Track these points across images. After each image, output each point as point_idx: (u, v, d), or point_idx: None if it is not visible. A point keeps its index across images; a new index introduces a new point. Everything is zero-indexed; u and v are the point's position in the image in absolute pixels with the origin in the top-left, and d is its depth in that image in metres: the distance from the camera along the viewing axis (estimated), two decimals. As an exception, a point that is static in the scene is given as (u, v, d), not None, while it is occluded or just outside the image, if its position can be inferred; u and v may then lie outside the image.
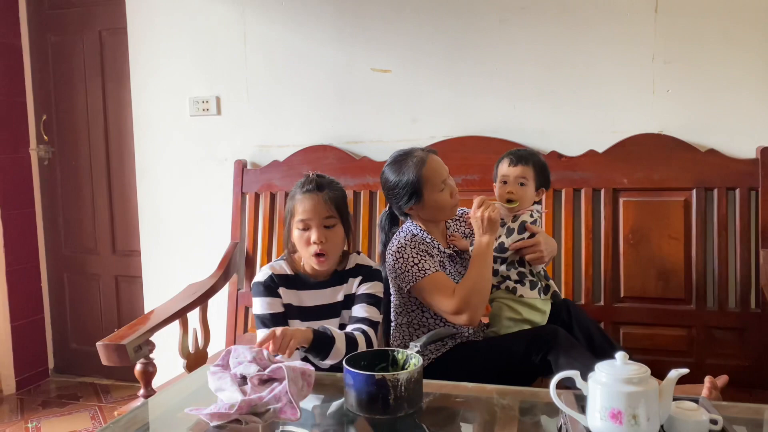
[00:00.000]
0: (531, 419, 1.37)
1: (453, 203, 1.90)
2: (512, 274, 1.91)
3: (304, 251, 1.73)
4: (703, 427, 1.09)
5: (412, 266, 1.81)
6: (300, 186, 1.75)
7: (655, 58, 2.30)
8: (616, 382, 1.07)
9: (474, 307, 1.76)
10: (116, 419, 1.38)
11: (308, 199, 1.71)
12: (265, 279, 1.75)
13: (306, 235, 1.71)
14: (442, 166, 1.89)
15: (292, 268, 1.79)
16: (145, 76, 2.89)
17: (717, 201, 2.20)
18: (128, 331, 2.03)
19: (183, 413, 1.49)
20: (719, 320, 2.18)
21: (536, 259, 1.90)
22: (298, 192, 1.74)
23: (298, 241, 1.72)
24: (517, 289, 1.89)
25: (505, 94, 2.46)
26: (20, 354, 3.28)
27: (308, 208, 1.70)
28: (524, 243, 1.89)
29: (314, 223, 1.70)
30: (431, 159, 1.87)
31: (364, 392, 1.30)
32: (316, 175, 1.76)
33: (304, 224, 1.71)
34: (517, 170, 1.91)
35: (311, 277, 1.79)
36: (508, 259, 1.92)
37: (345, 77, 2.63)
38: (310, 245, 1.70)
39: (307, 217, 1.70)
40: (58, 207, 3.42)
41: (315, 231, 1.70)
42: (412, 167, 1.86)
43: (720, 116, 2.25)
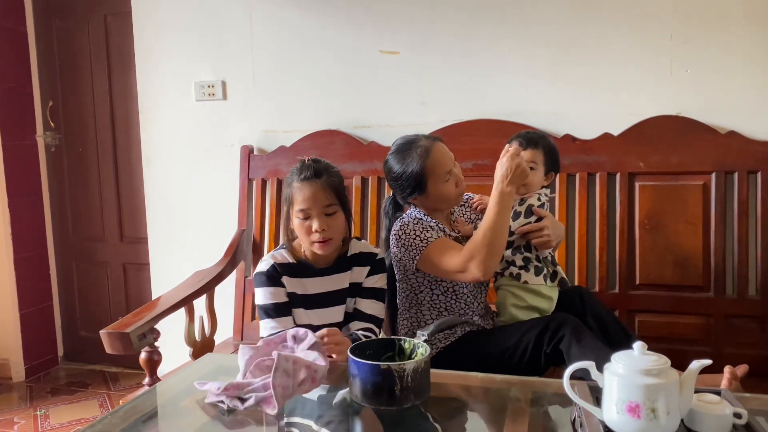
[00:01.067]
0: (542, 411, 1.32)
1: (458, 192, 1.84)
2: (517, 259, 1.85)
3: (305, 240, 1.68)
4: (726, 421, 1.03)
5: (415, 238, 1.77)
6: (297, 173, 1.69)
7: (673, 37, 2.21)
8: (634, 373, 1.01)
9: (485, 256, 1.64)
10: (116, 408, 1.36)
11: (307, 187, 1.65)
12: (267, 269, 1.71)
13: (307, 224, 1.66)
14: (447, 156, 1.81)
15: (293, 256, 1.75)
16: (151, 60, 2.85)
17: (737, 185, 2.12)
18: (132, 318, 2.00)
19: (186, 401, 1.47)
20: (739, 308, 2.11)
21: (543, 243, 1.84)
22: (296, 179, 1.68)
23: (299, 229, 1.68)
24: (522, 275, 1.84)
25: (517, 76, 2.38)
26: (29, 342, 3.27)
27: (308, 196, 1.65)
28: (531, 227, 1.83)
29: (315, 212, 1.65)
30: (436, 149, 1.80)
31: (370, 382, 1.26)
32: (312, 161, 1.70)
33: (304, 213, 1.66)
34: (526, 154, 1.85)
35: (314, 264, 1.74)
36: (513, 243, 1.86)
37: (352, 60, 2.57)
38: (312, 234, 1.66)
39: (307, 206, 1.65)
40: (65, 194, 3.40)
41: (316, 220, 1.65)
42: (416, 158, 1.79)
43: (741, 96, 2.17)
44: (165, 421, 1.38)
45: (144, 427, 1.30)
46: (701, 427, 1.04)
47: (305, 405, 1.37)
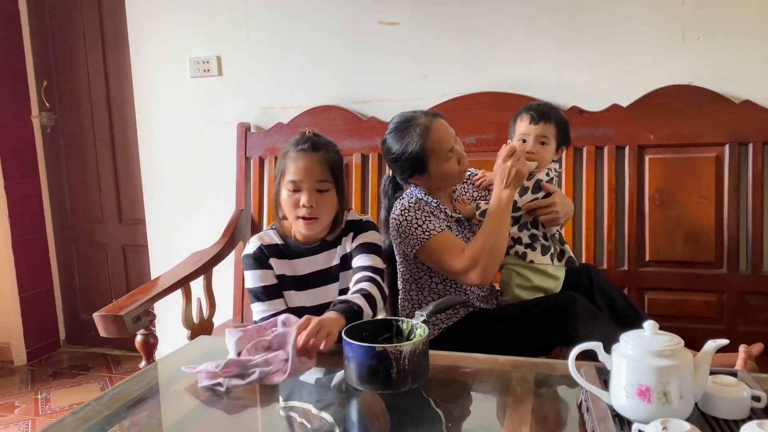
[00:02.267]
0: (547, 394, 1.25)
1: (461, 170, 1.76)
2: (524, 236, 1.78)
3: (291, 213, 1.60)
4: (744, 405, 0.96)
5: (416, 228, 1.69)
6: (294, 144, 1.61)
7: (685, 3, 2.12)
8: (645, 355, 0.94)
9: (485, 264, 1.61)
10: (103, 393, 1.31)
11: (302, 159, 1.57)
12: (254, 251, 1.64)
13: (295, 197, 1.58)
14: (447, 134, 1.72)
15: (281, 236, 1.67)
16: (144, 36, 2.77)
17: (752, 156, 2.04)
18: (127, 301, 1.95)
19: (179, 384, 1.42)
20: (753, 285, 2.04)
21: (551, 220, 1.77)
22: (292, 150, 1.60)
23: (286, 202, 1.59)
24: (527, 255, 1.77)
25: (522, 46, 2.30)
26: (30, 325, 3.24)
27: (301, 168, 1.57)
28: (539, 203, 1.76)
29: (306, 185, 1.57)
30: (436, 127, 1.71)
31: (365, 365, 1.20)
32: (312, 134, 1.63)
33: (294, 185, 1.57)
34: (538, 128, 1.77)
35: (302, 243, 1.67)
36: (520, 219, 1.79)
37: (351, 32, 2.49)
38: (298, 208, 1.57)
39: (299, 178, 1.57)
40: (63, 175, 3.34)
41: (305, 194, 1.56)
42: (415, 138, 1.70)
43: (756, 64, 2.08)
44: (155, 405, 1.33)
45: (132, 411, 1.25)
46: (717, 412, 0.97)
47: (303, 388, 1.32)
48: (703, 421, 0.97)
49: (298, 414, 1.21)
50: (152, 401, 1.33)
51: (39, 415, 2.67)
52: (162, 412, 1.30)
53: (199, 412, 1.26)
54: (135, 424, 1.19)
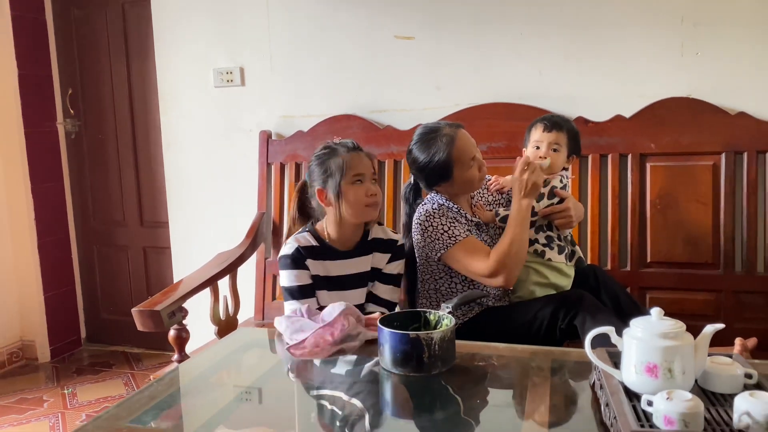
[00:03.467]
0: (563, 378, 1.39)
1: (481, 177, 1.90)
2: (540, 237, 1.92)
3: (359, 203, 1.75)
4: (738, 380, 1.10)
5: (442, 234, 1.82)
6: (341, 146, 1.79)
7: (684, 20, 2.26)
8: (653, 336, 1.08)
9: (510, 268, 1.76)
10: (148, 384, 1.39)
11: (358, 156, 1.76)
12: (292, 252, 1.77)
13: (362, 189, 1.75)
14: (470, 143, 1.87)
15: (317, 239, 1.81)
16: (169, 47, 2.91)
17: (747, 165, 2.18)
18: (162, 297, 2.07)
19: (221, 375, 1.53)
20: (747, 284, 2.17)
21: (565, 224, 1.91)
22: (343, 151, 1.77)
23: (355, 194, 1.75)
24: (546, 253, 1.90)
25: (531, 59, 2.44)
26: (53, 323, 3.37)
27: (362, 162, 1.76)
28: (553, 208, 1.90)
29: (367, 177, 1.76)
30: (460, 137, 1.85)
31: (399, 351, 1.33)
32: (344, 139, 1.80)
33: (359, 177, 1.75)
34: (551, 136, 1.91)
35: (336, 247, 1.81)
36: (536, 223, 1.92)
37: (368, 45, 2.62)
38: (367, 197, 1.75)
39: (363, 171, 1.75)
40: (86, 180, 3.47)
41: (370, 184, 1.76)
42: (441, 147, 1.84)
43: (750, 78, 2.22)
44: (200, 395, 1.42)
45: (174, 402, 1.34)
46: (714, 387, 1.11)
47: (334, 377, 1.44)
48: (703, 395, 1.10)
49: (329, 401, 1.32)
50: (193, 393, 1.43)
51: (67, 408, 2.79)
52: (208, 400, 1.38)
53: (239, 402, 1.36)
54: (181, 413, 1.30)
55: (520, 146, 2.34)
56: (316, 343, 1.45)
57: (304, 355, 1.46)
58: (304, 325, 1.49)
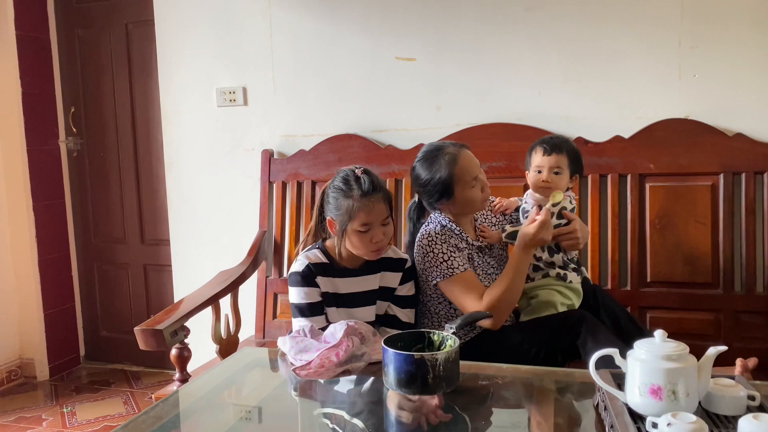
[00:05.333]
0: (566, 399, 1.40)
1: (484, 197, 1.90)
2: (557, 260, 1.93)
3: (363, 250, 1.75)
4: (741, 402, 1.11)
5: (442, 263, 1.83)
6: (354, 186, 1.73)
7: (681, 43, 2.29)
8: (656, 358, 1.09)
9: (501, 313, 1.78)
10: (153, 405, 1.39)
11: (370, 203, 1.71)
12: (302, 269, 1.78)
13: (368, 237, 1.73)
14: (473, 163, 1.88)
15: (327, 256, 1.82)
16: (172, 67, 2.94)
17: (745, 185, 2.20)
18: (164, 316, 2.07)
19: (219, 398, 1.53)
20: (747, 304, 2.18)
21: (572, 245, 1.92)
22: (356, 194, 1.71)
23: (360, 241, 1.73)
24: (567, 275, 1.92)
25: (530, 80, 2.46)
26: (53, 341, 3.36)
27: (371, 212, 1.71)
28: (561, 230, 1.90)
29: (375, 224, 1.73)
30: (463, 156, 1.86)
31: (404, 371, 1.34)
32: (364, 172, 1.76)
33: (366, 227, 1.72)
34: (551, 159, 1.92)
35: (346, 265, 1.82)
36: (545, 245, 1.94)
37: (370, 66, 2.65)
38: (372, 245, 1.73)
39: (371, 221, 1.72)
40: (87, 198, 3.48)
41: (377, 233, 1.73)
42: (444, 165, 1.85)
43: (747, 100, 2.24)
44: (204, 415, 1.42)
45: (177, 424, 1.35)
46: (718, 409, 1.13)
47: (336, 396, 1.45)
48: (706, 417, 1.11)
49: (331, 420, 1.33)
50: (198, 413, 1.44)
51: (67, 427, 2.78)
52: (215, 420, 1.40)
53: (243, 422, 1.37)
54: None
55: (521, 166, 2.38)
56: (321, 364, 1.46)
57: (309, 376, 1.47)
58: (308, 345, 1.50)
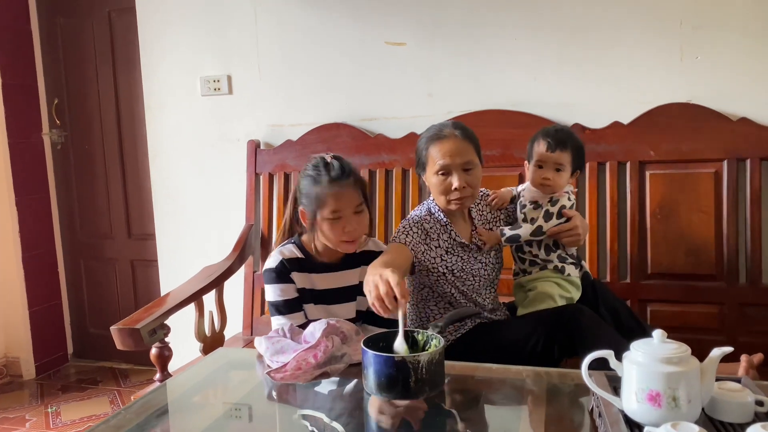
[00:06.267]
0: (559, 402, 1.30)
1: (449, 198, 1.74)
2: (553, 258, 1.86)
3: (334, 239, 1.66)
4: (748, 409, 1.01)
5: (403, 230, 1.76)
6: (324, 173, 1.65)
7: (683, 24, 2.19)
8: (654, 361, 0.99)
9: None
10: (129, 404, 1.35)
11: (339, 189, 1.63)
12: (276, 265, 1.69)
13: (338, 225, 1.64)
14: (450, 152, 1.72)
15: (302, 251, 1.73)
16: (155, 56, 2.84)
17: (750, 172, 2.10)
18: (143, 314, 1.99)
19: (199, 396, 1.46)
20: (752, 296, 2.09)
21: (573, 242, 1.85)
22: (324, 180, 1.64)
23: (330, 230, 1.64)
24: (565, 269, 1.85)
25: (526, 65, 2.36)
26: (39, 339, 3.28)
27: (340, 198, 1.63)
28: (562, 227, 1.83)
29: (346, 212, 1.64)
30: (447, 141, 1.74)
31: (384, 374, 1.25)
32: (335, 159, 1.67)
33: (335, 215, 1.63)
34: (554, 156, 1.82)
35: (323, 259, 1.73)
36: (543, 242, 1.86)
37: (358, 52, 2.55)
38: (343, 234, 1.64)
39: (340, 207, 1.63)
40: (72, 192, 3.40)
41: (347, 222, 1.63)
42: (425, 137, 1.79)
43: (752, 83, 2.14)
44: (177, 417, 1.37)
45: (157, 422, 1.29)
46: (723, 416, 1.03)
47: (316, 398, 1.36)
48: (710, 425, 1.02)
49: (311, 423, 1.24)
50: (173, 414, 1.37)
51: (50, 428, 2.70)
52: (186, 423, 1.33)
53: (222, 423, 1.30)
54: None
55: (515, 154, 2.30)
56: (298, 366, 1.37)
57: (285, 379, 1.38)
58: (285, 346, 1.41)
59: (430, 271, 1.77)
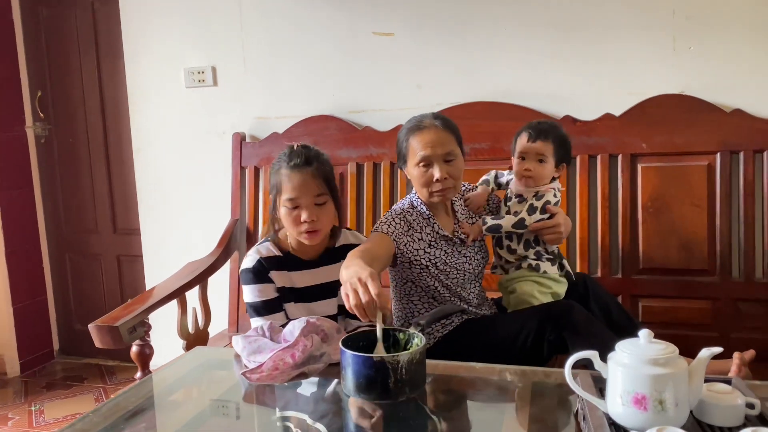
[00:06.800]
0: (545, 403, 1.26)
1: (433, 190, 1.69)
2: (530, 253, 1.82)
3: (293, 229, 1.61)
4: (738, 412, 0.97)
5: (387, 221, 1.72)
6: (285, 159, 1.61)
7: (675, 13, 2.14)
8: (640, 363, 0.95)
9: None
10: (101, 404, 1.30)
11: (297, 176, 1.58)
12: (253, 265, 1.64)
13: (295, 214, 1.59)
14: (431, 143, 1.67)
15: (279, 248, 1.68)
16: (139, 46, 2.78)
17: (743, 164, 2.06)
18: (122, 312, 1.95)
19: (176, 395, 1.42)
20: (745, 292, 2.05)
21: (554, 240, 1.81)
22: (284, 166, 1.60)
23: (286, 219, 1.60)
24: (540, 266, 1.80)
25: (516, 56, 2.31)
26: (23, 336, 3.23)
27: (297, 185, 1.57)
28: (545, 223, 1.78)
29: (304, 201, 1.58)
30: (427, 131, 1.69)
31: (362, 375, 1.20)
32: (302, 147, 1.63)
33: (293, 203, 1.58)
34: (536, 146, 1.78)
35: (301, 256, 1.68)
36: (522, 237, 1.82)
37: (345, 43, 2.50)
38: (300, 224, 1.59)
39: (297, 195, 1.58)
40: (57, 186, 3.33)
41: (305, 210, 1.58)
42: (405, 129, 1.75)
43: (746, 74, 2.10)
44: (153, 416, 1.33)
45: (131, 422, 1.25)
46: (712, 419, 0.98)
47: (298, 399, 1.32)
48: (699, 429, 0.97)
49: (293, 424, 1.21)
50: (149, 413, 1.33)
51: (33, 427, 2.65)
52: (159, 423, 1.30)
53: (196, 423, 1.26)
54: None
55: (505, 147, 2.24)
56: (275, 366, 1.32)
57: (261, 380, 1.33)
58: (262, 345, 1.37)
59: (412, 263, 1.73)
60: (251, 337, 1.41)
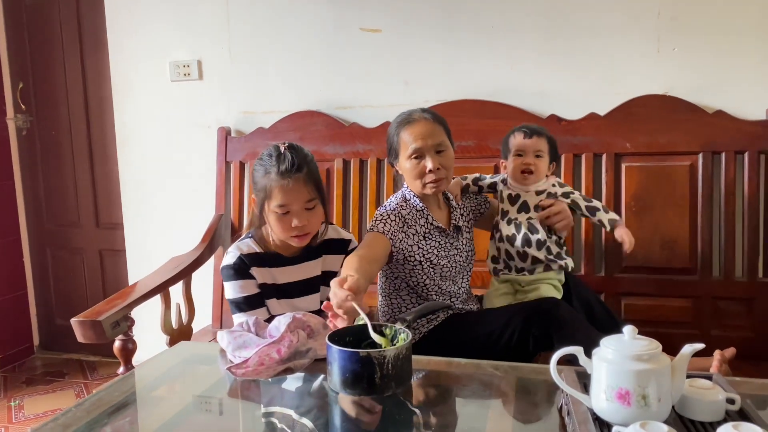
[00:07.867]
0: (529, 398, 1.27)
1: (426, 182, 1.71)
2: (551, 243, 1.83)
3: (283, 234, 1.60)
4: (719, 407, 0.99)
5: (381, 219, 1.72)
6: (274, 163, 1.57)
7: (660, 14, 2.16)
8: (624, 359, 0.96)
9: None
10: (83, 399, 1.28)
11: (288, 183, 1.55)
12: (234, 261, 1.63)
13: (286, 220, 1.57)
14: (422, 134, 1.69)
15: (261, 245, 1.67)
16: (123, 38, 2.75)
17: (725, 165, 2.09)
18: (105, 306, 1.93)
19: (159, 390, 1.40)
20: (725, 290, 2.08)
21: (565, 226, 1.83)
22: (274, 172, 1.56)
23: (277, 224, 1.58)
24: (568, 264, 1.85)
25: (503, 54, 2.32)
26: (3, 331, 3.18)
27: (288, 193, 1.55)
28: (551, 210, 1.81)
29: (295, 207, 1.57)
30: (418, 124, 1.71)
31: (348, 370, 1.20)
32: (289, 149, 1.59)
33: (283, 209, 1.57)
34: (532, 142, 1.82)
35: (282, 252, 1.67)
36: (542, 240, 1.82)
37: (333, 38, 2.49)
38: (291, 230, 1.58)
39: (288, 202, 1.56)
40: (38, 179, 3.29)
41: (297, 217, 1.57)
42: (395, 123, 1.76)
43: (729, 76, 2.13)
44: (135, 411, 1.31)
45: (114, 417, 1.23)
46: (694, 414, 1.00)
47: (284, 395, 1.32)
48: (680, 424, 0.99)
49: (279, 419, 1.21)
50: (132, 408, 1.32)
51: (12, 422, 2.62)
52: (142, 418, 1.29)
53: (180, 419, 1.25)
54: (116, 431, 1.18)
55: (491, 145, 2.26)
56: (260, 362, 1.32)
57: (246, 375, 1.33)
58: (247, 340, 1.36)
59: (406, 260, 1.74)
60: (237, 332, 1.40)
